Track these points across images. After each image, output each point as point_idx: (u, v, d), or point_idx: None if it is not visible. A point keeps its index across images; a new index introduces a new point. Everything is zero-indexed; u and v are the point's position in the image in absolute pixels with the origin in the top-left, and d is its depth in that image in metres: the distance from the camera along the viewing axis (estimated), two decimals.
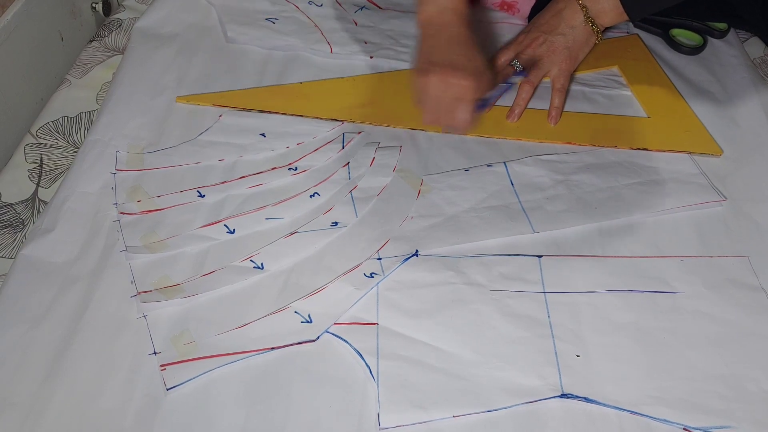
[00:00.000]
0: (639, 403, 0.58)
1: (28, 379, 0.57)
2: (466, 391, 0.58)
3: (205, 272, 0.65)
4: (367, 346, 0.60)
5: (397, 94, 0.82)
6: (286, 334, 0.61)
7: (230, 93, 0.81)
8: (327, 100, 0.81)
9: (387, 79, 0.85)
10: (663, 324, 0.63)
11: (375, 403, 0.57)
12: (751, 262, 0.68)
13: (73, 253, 0.66)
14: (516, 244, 0.69)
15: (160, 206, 0.70)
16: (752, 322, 0.63)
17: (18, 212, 0.71)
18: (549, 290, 0.65)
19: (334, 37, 0.89)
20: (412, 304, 0.64)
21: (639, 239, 0.70)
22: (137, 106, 0.79)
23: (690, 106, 0.83)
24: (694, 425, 0.57)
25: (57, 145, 0.77)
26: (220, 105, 0.79)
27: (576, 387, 0.59)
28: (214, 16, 0.92)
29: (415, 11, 0.73)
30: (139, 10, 0.93)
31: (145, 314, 0.61)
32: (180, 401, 0.57)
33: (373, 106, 0.81)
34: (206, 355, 0.59)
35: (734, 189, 0.75)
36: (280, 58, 0.87)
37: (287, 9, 0.93)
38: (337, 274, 0.65)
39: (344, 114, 0.80)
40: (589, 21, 0.70)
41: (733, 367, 0.60)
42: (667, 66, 0.89)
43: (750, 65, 0.89)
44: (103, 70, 0.86)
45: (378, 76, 0.85)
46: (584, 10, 0.70)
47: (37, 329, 0.60)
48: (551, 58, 0.79)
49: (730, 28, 0.92)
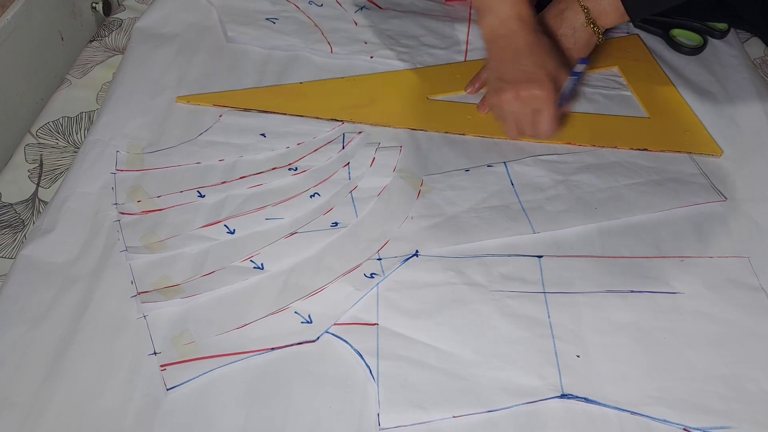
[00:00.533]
0: (639, 403, 0.58)
1: (28, 379, 0.57)
2: (466, 392, 0.58)
3: (205, 272, 0.65)
4: (367, 347, 0.60)
5: (397, 94, 0.82)
6: (286, 335, 0.61)
7: (230, 93, 0.81)
8: (327, 100, 0.81)
9: (387, 79, 0.85)
10: (663, 324, 0.63)
11: (375, 403, 0.57)
12: (751, 262, 0.68)
13: (73, 253, 0.66)
14: (516, 245, 0.69)
15: (160, 206, 0.70)
16: (752, 322, 0.63)
17: (18, 212, 0.71)
18: (549, 290, 0.65)
19: (334, 37, 0.89)
20: (412, 305, 0.64)
21: (639, 239, 0.70)
22: (137, 106, 0.79)
23: (690, 107, 0.83)
24: (694, 425, 0.57)
25: (57, 145, 0.77)
26: (220, 105, 0.79)
27: (576, 387, 0.59)
28: (214, 16, 0.91)
29: (478, 23, 0.70)
30: (139, 10, 0.93)
31: (145, 314, 0.61)
32: (180, 401, 0.57)
33: (373, 106, 0.81)
34: (206, 355, 0.59)
35: (734, 189, 0.75)
36: (280, 58, 0.87)
37: (287, 9, 0.93)
38: (338, 275, 0.65)
39: (344, 114, 0.80)
40: (590, 23, 0.69)
41: (733, 367, 0.60)
42: (667, 66, 0.89)
43: (750, 65, 0.89)
44: (103, 70, 0.86)
45: (378, 76, 0.85)
46: (586, 12, 0.68)
47: (37, 329, 0.60)
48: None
49: (730, 28, 0.92)
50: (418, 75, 0.85)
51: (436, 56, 0.88)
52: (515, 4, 0.66)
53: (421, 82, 0.84)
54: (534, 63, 0.67)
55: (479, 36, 0.90)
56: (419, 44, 0.89)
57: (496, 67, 0.68)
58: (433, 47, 0.89)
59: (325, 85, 0.84)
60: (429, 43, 0.90)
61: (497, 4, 0.66)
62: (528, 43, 0.68)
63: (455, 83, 0.84)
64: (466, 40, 0.91)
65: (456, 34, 0.91)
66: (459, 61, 0.87)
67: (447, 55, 0.88)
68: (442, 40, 0.90)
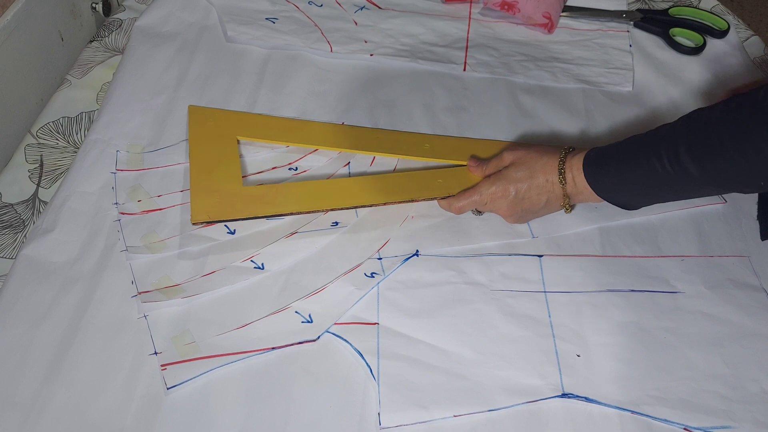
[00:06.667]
0: (640, 403, 0.58)
1: (28, 379, 0.57)
2: (467, 391, 0.58)
3: (206, 272, 0.65)
4: (367, 346, 0.60)
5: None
6: (287, 334, 0.61)
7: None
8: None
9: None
10: (664, 324, 0.63)
11: (376, 402, 0.57)
12: (752, 262, 0.68)
13: (74, 253, 0.66)
14: (516, 244, 0.69)
15: (161, 206, 0.70)
16: (752, 322, 0.63)
17: (18, 212, 0.71)
18: (550, 290, 0.65)
19: (334, 37, 0.89)
20: (412, 304, 0.64)
21: (639, 239, 0.70)
22: (137, 106, 0.79)
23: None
24: (695, 425, 0.57)
25: (57, 146, 0.77)
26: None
27: (577, 387, 0.59)
28: (214, 16, 0.91)
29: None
30: (139, 10, 0.93)
31: (146, 314, 0.61)
32: (180, 401, 0.57)
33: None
34: (207, 355, 0.59)
35: None
36: (280, 58, 0.87)
37: (287, 9, 0.93)
38: (338, 274, 0.65)
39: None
40: (566, 206, 0.69)
41: (733, 367, 0.60)
42: (667, 66, 0.89)
43: (750, 65, 0.89)
44: (103, 70, 0.86)
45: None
46: (566, 200, 0.68)
47: (37, 329, 0.60)
48: (502, 213, 0.70)
49: (730, 28, 0.92)
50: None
51: (436, 54, 0.88)
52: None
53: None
54: (531, 209, 0.68)
55: (478, 34, 0.91)
56: (419, 42, 0.89)
57: (515, 190, 0.67)
58: (433, 45, 0.89)
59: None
60: (429, 41, 0.90)
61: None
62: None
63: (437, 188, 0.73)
64: (466, 38, 0.91)
65: (456, 33, 0.91)
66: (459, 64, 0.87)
67: (447, 53, 0.88)
68: (442, 38, 0.90)
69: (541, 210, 0.69)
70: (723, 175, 0.57)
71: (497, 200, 0.68)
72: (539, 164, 0.67)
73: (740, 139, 0.55)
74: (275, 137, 0.76)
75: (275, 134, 0.76)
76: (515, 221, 0.70)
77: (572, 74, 0.86)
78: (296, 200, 0.68)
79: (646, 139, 0.62)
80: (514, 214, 0.68)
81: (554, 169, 0.67)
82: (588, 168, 0.65)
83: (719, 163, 0.56)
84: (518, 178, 0.67)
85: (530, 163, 0.68)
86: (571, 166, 0.66)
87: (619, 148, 0.64)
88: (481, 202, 0.69)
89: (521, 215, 0.69)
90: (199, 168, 0.70)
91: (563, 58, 0.89)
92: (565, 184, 0.66)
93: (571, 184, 0.66)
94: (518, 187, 0.67)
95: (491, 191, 0.68)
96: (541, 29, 0.92)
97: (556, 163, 0.67)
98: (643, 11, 0.95)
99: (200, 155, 0.72)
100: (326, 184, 0.72)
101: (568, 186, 0.66)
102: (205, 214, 0.66)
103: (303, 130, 0.77)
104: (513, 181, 0.67)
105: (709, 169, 0.57)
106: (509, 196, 0.67)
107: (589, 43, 0.92)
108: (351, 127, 0.79)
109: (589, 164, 0.65)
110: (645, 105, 0.84)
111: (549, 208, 0.69)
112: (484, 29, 0.93)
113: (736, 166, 0.56)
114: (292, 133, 0.77)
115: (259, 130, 0.76)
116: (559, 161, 0.66)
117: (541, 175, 0.67)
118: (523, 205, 0.68)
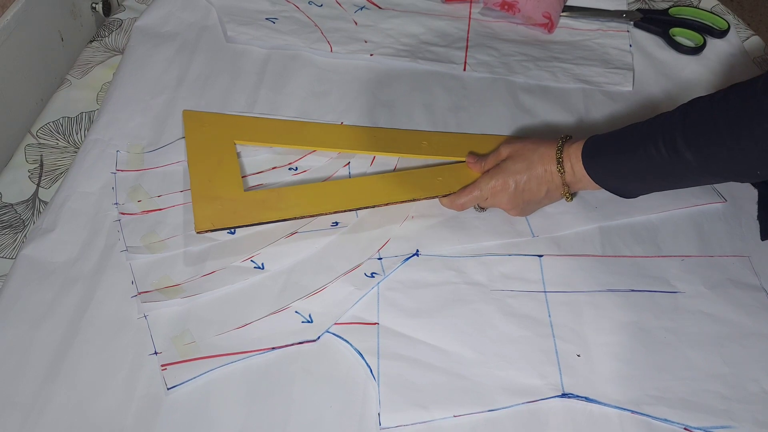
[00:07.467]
0: (640, 402, 0.58)
1: (28, 379, 0.57)
2: (467, 391, 0.58)
3: (206, 272, 0.65)
4: (367, 346, 0.60)
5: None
6: (287, 334, 0.61)
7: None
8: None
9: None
10: (664, 323, 0.63)
11: (376, 402, 0.57)
12: (752, 261, 0.68)
13: (74, 253, 0.66)
14: (517, 244, 0.69)
15: (161, 206, 0.70)
16: (752, 322, 0.63)
17: (18, 212, 0.71)
18: (550, 290, 0.65)
19: (334, 36, 0.89)
20: (412, 304, 0.64)
21: (639, 239, 0.70)
22: (137, 106, 0.79)
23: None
24: (695, 425, 0.57)
25: (57, 146, 0.77)
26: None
27: (577, 386, 0.59)
28: (214, 16, 0.91)
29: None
30: (139, 10, 0.93)
31: (146, 314, 0.61)
32: (180, 401, 0.57)
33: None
34: (207, 355, 0.59)
35: (734, 189, 0.74)
36: (280, 58, 0.87)
37: (287, 9, 0.93)
38: (338, 274, 0.65)
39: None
40: (567, 195, 0.69)
41: (733, 367, 0.60)
42: (667, 66, 0.89)
43: (750, 65, 0.89)
44: (103, 70, 0.86)
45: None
46: (566, 188, 0.68)
47: (37, 329, 0.60)
48: (504, 207, 0.70)
49: (730, 28, 0.92)
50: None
51: (436, 54, 0.88)
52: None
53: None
54: (532, 200, 0.68)
55: (478, 34, 0.91)
56: (419, 42, 0.89)
57: (515, 182, 0.67)
58: (433, 45, 0.89)
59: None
60: (429, 41, 0.90)
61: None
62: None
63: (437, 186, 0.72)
64: (466, 38, 0.91)
65: (456, 33, 0.91)
66: (459, 64, 0.87)
67: (447, 53, 0.88)
68: (442, 38, 0.90)
69: (543, 200, 0.69)
70: (719, 163, 0.57)
71: (498, 194, 0.68)
72: (536, 155, 0.67)
73: (737, 127, 0.55)
74: (272, 140, 0.76)
75: (272, 137, 0.76)
76: (518, 214, 0.70)
77: (572, 74, 0.86)
78: (298, 204, 0.68)
79: (644, 127, 0.62)
80: (515, 206, 0.68)
81: (552, 158, 0.67)
82: (586, 156, 0.65)
83: (715, 150, 0.56)
84: (517, 170, 0.67)
85: (528, 154, 0.68)
86: (569, 155, 0.66)
87: (617, 135, 0.64)
88: (482, 198, 0.69)
89: (523, 207, 0.69)
90: (198, 175, 0.71)
91: (563, 57, 0.89)
92: (563, 173, 0.66)
93: (570, 172, 0.66)
94: (518, 179, 0.67)
95: (491, 185, 0.68)
96: (541, 29, 0.92)
97: (554, 153, 0.67)
98: (643, 11, 0.95)
99: (199, 162, 0.72)
100: (327, 186, 0.72)
101: (567, 175, 0.66)
102: (209, 222, 0.66)
103: (299, 132, 0.77)
104: (512, 173, 0.67)
105: (705, 155, 0.57)
106: (509, 189, 0.67)
107: (589, 43, 0.92)
108: (347, 127, 0.79)
109: (587, 153, 0.65)
110: (645, 105, 0.84)
111: (550, 198, 0.69)
112: (484, 29, 0.93)
113: (732, 154, 0.56)
114: (289, 135, 0.77)
115: (256, 133, 0.76)
116: (557, 150, 0.67)
117: (540, 165, 0.67)
118: (524, 197, 0.68)
